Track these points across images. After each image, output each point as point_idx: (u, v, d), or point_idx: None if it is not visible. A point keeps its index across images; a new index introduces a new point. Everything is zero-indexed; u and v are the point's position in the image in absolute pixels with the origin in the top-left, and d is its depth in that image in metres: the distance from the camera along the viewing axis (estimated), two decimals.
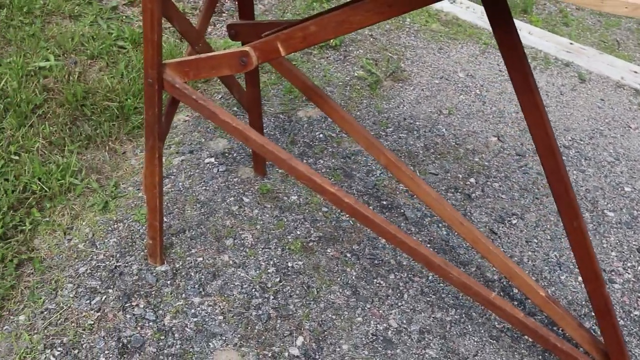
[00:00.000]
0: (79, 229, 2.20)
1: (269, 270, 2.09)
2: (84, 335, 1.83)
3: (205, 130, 2.73)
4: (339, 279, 2.08)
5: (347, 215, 2.33)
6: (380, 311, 2.00)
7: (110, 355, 1.79)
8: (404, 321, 1.98)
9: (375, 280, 2.09)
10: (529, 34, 3.73)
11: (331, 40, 3.35)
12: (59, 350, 1.79)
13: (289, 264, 2.12)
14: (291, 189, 2.44)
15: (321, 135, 2.75)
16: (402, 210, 2.40)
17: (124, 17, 3.30)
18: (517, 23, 3.78)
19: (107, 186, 2.40)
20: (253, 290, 2.02)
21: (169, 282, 2.02)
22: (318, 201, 2.38)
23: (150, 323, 1.88)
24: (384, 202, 2.43)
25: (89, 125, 2.66)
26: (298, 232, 2.24)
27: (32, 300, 1.93)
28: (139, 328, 1.87)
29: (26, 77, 2.70)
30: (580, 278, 2.19)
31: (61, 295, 1.95)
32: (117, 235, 2.18)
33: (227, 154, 2.60)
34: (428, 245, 2.25)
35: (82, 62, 2.89)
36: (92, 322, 1.87)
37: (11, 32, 2.86)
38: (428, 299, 2.06)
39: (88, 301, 1.93)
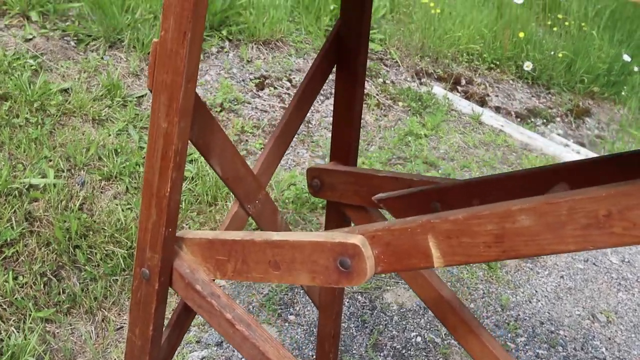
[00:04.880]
0: None
1: None
2: None
3: (248, 306, 1.81)
4: None
5: None
6: None
7: None
8: None
9: None
10: None
11: None
12: None
13: None
14: None
15: (419, 339, 1.79)
16: None
17: None
18: None
19: None
20: None
21: None
22: None
23: None
24: None
25: (79, 278, 1.79)
26: None
27: None
28: None
29: (6, 198, 1.89)
30: None
31: None
32: None
33: None
34: None
35: (92, 184, 2.07)
36: None
37: (5, 133, 2.09)
38: None
39: None
